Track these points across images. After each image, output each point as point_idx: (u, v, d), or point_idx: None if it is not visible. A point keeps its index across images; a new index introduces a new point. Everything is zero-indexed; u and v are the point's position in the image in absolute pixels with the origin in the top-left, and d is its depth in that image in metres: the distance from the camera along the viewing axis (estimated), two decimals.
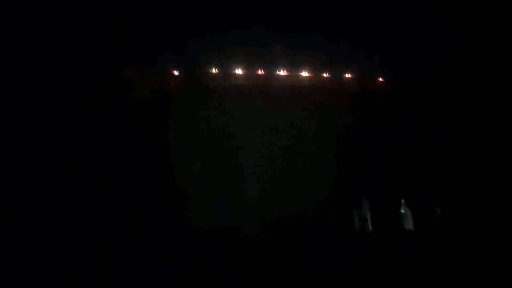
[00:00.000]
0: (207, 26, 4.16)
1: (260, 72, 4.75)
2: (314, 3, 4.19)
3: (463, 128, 4.15)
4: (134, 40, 3.93)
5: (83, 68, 3.70)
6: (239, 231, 3.97)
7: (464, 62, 4.18)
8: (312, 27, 4.32)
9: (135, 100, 4.16)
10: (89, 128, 3.77)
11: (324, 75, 4.79)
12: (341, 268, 3.32)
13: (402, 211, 3.95)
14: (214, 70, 4.65)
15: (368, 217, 3.96)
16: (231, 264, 3.21)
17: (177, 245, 3.38)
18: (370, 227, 3.95)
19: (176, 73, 4.58)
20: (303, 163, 4.42)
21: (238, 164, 4.34)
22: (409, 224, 3.88)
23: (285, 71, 4.76)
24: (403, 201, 3.98)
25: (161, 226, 3.75)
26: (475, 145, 4.04)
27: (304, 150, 4.44)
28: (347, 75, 4.79)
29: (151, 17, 3.89)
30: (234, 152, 4.39)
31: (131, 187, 3.88)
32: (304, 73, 4.76)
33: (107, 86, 3.92)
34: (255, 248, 3.66)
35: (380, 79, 4.85)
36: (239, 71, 4.71)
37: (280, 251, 3.60)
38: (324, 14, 4.27)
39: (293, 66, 4.77)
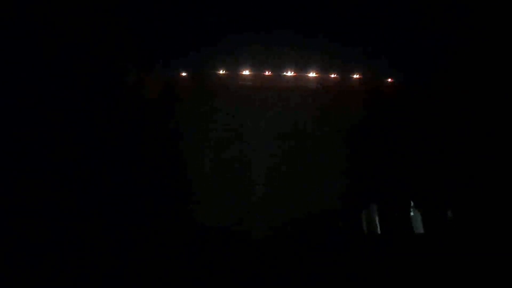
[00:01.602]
0: (213, 27, 4.18)
1: (267, 73, 4.75)
2: (323, 3, 4.18)
3: (474, 129, 4.07)
4: (140, 42, 3.97)
5: (90, 70, 3.75)
6: (246, 232, 3.96)
7: (475, 63, 4.11)
8: (321, 28, 4.31)
9: (142, 102, 4.21)
10: (97, 129, 3.82)
11: (333, 76, 4.75)
12: (349, 272, 3.27)
13: (412, 213, 3.89)
14: (221, 71, 4.67)
15: (377, 220, 3.91)
16: (237, 266, 3.20)
17: (184, 246, 3.39)
18: (379, 230, 3.90)
19: (183, 74, 4.61)
20: (311, 164, 4.39)
21: (245, 165, 4.34)
22: (418, 227, 3.82)
23: (292, 71, 4.74)
24: (412, 203, 3.92)
25: (169, 226, 3.77)
26: (487, 146, 3.95)
27: (312, 152, 4.41)
28: (356, 76, 4.74)
29: (157, 18, 3.93)
30: (241, 153, 4.38)
31: (139, 188, 3.92)
32: (313, 74, 4.73)
33: (114, 88, 3.98)
34: (262, 249, 3.64)
35: (389, 80, 4.79)
36: (246, 72, 4.72)
37: (288, 253, 3.58)
38: (333, 14, 4.25)
39: (301, 66, 4.75)
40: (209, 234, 3.81)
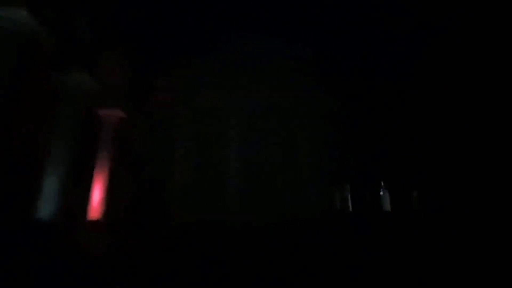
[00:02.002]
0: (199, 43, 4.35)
1: None
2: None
3: (439, 116, 4.10)
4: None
5: None
6: (226, 225, 4.26)
7: (475, 63, 4.06)
8: (321, 27, 4.25)
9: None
10: None
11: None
12: (321, 248, 3.53)
13: (381, 193, 4.10)
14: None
15: (348, 197, 4.15)
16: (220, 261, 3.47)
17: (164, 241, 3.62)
18: (350, 207, 4.15)
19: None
20: (288, 146, 4.60)
21: (228, 159, 4.54)
22: (386, 205, 4.03)
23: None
24: (382, 183, 4.11)
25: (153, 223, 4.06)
26: (454, 132, 4.00)
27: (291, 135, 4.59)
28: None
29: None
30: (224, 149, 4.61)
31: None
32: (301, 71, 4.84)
33: None
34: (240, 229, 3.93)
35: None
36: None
37: (265, 232, 3.87)
38: (333, 15, 4.20)
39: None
40: (193, 229, 4.15)
